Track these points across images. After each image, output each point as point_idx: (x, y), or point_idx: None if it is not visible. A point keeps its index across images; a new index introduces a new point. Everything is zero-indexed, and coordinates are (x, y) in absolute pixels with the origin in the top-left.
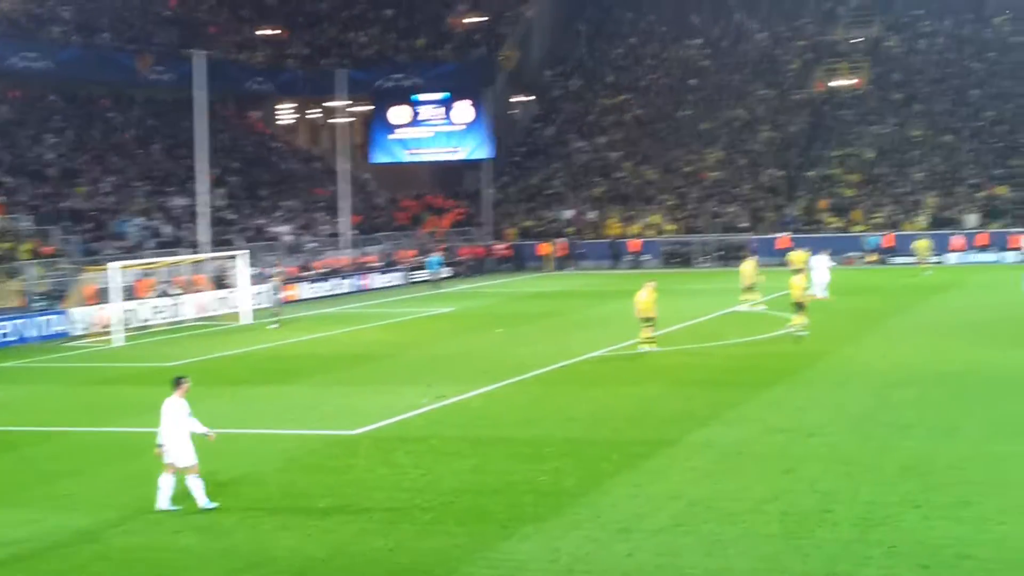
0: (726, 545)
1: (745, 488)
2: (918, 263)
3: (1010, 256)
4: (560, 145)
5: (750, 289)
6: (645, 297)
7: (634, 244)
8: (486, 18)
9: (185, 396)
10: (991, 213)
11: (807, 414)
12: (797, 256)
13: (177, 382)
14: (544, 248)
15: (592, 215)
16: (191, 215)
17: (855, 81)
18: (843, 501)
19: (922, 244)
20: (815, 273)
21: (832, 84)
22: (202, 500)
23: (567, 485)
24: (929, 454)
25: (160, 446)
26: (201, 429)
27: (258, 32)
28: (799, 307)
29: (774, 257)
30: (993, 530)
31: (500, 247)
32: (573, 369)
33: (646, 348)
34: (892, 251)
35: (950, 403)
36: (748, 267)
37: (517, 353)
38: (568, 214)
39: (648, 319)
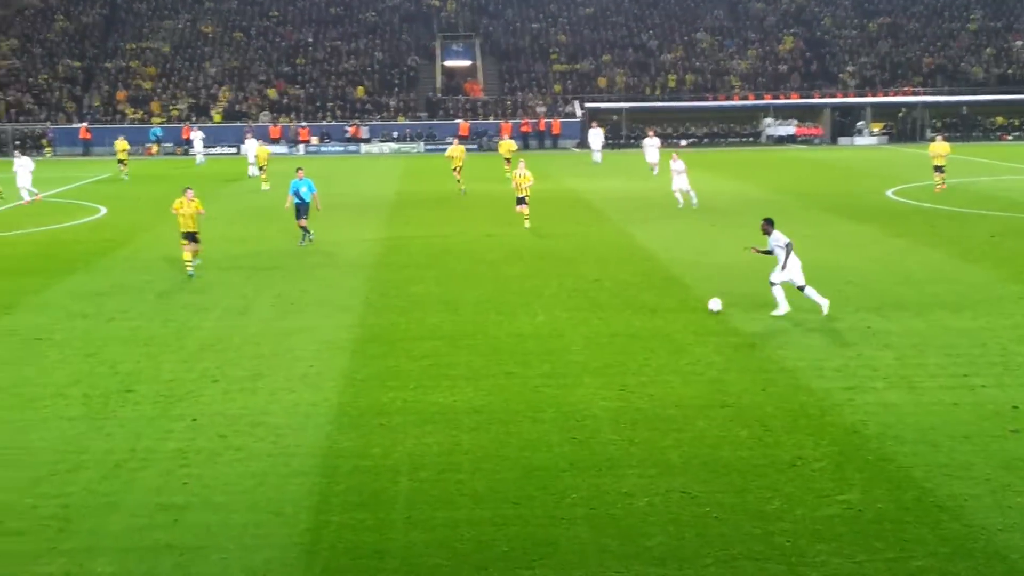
0: (29, 430)
1: (46, 373)
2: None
3: (300, 148)
4: None
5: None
6: None
7: None
8: None
9: None
10: (281, 108)
11: (108, 299)
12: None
13: None
14: None
15: None
16: None
17: None
18: (145, 380)
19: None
20: (20, 177)
21: None
22: None
23: None
24: (225, 332)
25: None
26: None
27: None
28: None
29: (77, 147)
30: (283, 399)
31: None
32: None
33: None
34: (189, 142)
35: (244, 284)
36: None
37: None
38: None
39: None
